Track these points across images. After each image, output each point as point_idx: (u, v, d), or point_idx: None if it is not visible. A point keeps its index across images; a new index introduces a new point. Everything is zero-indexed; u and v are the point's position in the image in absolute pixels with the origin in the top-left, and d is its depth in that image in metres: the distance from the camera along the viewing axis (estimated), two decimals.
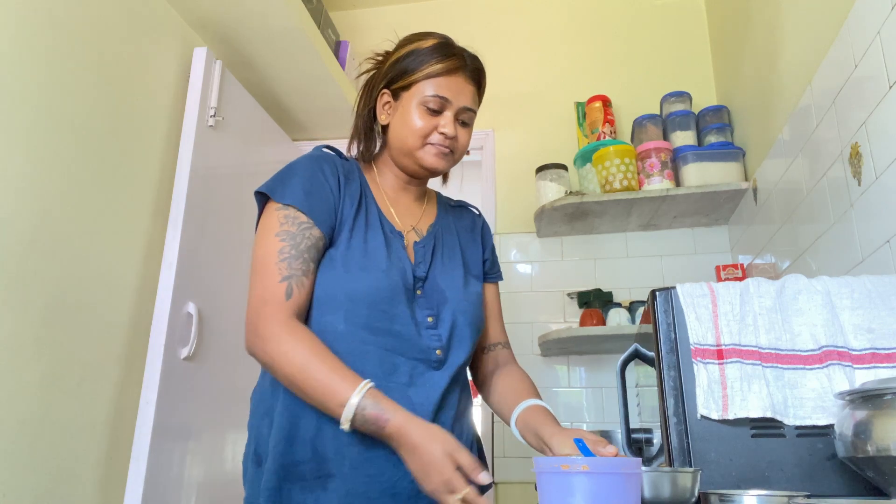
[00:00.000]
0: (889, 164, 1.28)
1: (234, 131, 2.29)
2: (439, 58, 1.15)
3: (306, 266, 1.05)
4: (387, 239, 1.12)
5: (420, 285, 1.12)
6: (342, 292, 1.06)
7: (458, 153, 1.19)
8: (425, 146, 1.15)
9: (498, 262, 1.35)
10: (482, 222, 1.35)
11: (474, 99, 1.20)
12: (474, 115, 1.21)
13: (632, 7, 2.89)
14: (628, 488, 0.63)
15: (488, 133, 2.84)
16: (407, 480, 1.00)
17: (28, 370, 1.50)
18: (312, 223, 1.07)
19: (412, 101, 1.15)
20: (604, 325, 2.28)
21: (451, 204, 1.34)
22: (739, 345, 0.99)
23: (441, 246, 1.21)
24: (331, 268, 1.08)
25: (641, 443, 1.23)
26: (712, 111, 2.45)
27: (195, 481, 1.94)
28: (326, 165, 1.14)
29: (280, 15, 2.18)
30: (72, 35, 1.69)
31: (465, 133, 1.19)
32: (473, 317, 1.16)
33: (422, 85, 1.15)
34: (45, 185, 1.58)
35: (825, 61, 1.57)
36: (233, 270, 2.23)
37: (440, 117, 1.15)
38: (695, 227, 2.56)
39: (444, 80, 1.15)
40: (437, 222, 1.25)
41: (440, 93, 1.14)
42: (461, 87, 1.16)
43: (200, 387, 1.99)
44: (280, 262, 1.04)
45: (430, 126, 1.14)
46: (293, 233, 1.06)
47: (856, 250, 1.44)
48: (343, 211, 1.11)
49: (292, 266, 1.04)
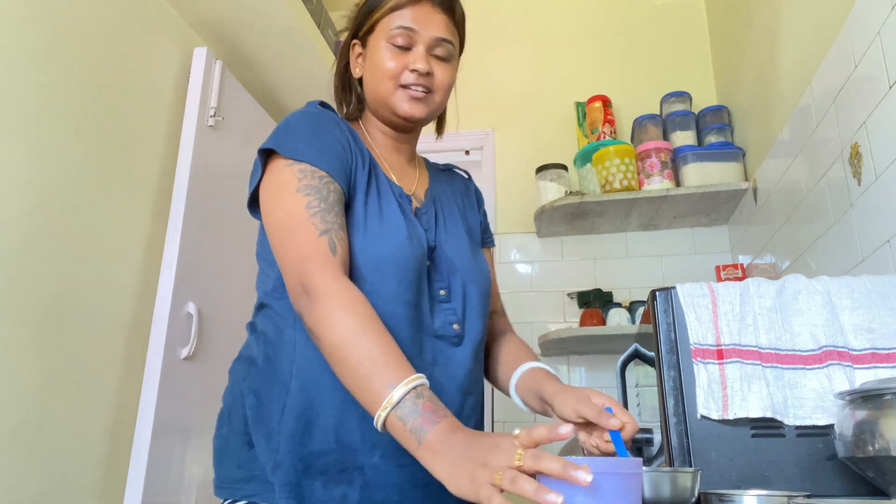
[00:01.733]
0: (889, 164, 1.28)
1: (234, 131, 2.29)
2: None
3: (340, 220, 0.91)
4: (400, 205, 1.01)
5: (429, 255, 1.01)
6: (367, 262, 0.93)
7: (438, 93, 1.05)
8: (398, 90, 1.02)
9: (489, 227, 1.24)
10: (474, 186, 1.24)
11: (448, 28, 1.05)
12: (453, 48, 1.06)
13: (632, 7, 2.90)
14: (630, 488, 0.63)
15: (488, 133, 2.84)
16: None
17: (28, 371, 1.50)
18: (332, 179, 0.93)
19: (378, 40, 1.04)
20: (604, 325, 2.28)
21: (439, 168, 1.23)
22: (739, 345, 0.99)
23: (442, 213, 1.10)
24: (351, 233, 0.94)
25: (641, 443, 1.23)
26: (712, 111, 2.46)
27: (195, 481, 1.94)
28: (330, 123, 1.02)
29: (280, 15, 2.18)
30: (72, 35, 1.69)
31: (443, 68, 1.04)
32: (484, 287, 1.06)
33: (385, 21, 1.03)
34: (45, 185, 1.58)
35: (825, 61, 1.57)
36: (233, 270, 2.23)
37: (410, 53, 1.02)
38: (695, 227, 2.56)
39: (409, 10, 1.02)
40: (432, 187, 1.13)
41: (404, 23, 1.01)
42: (429, 15, 1.03)
43: (200, 387, 1.99)
44: (313, 217, 0.89)
45: (399, 65, 1.01)
46: (317, 186, 0.92)
47: (856, 250, 1.44)
48: (356, 172, 0.99)
49: (326, 219, 0.89)
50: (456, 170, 1.26)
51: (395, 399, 0.74)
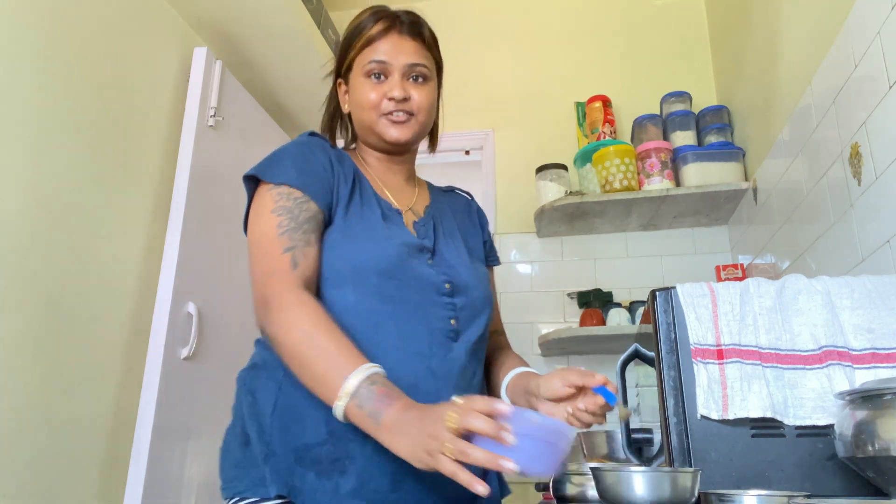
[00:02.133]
0: (889, 164, 1.28)
1: (234, 131, 2.29)
2: (370, 25, 1.11)
3: (307, 237, 0.99)
4: (384, 214, 1.07)
5: (429, 256, 1.07)
6: (347, 264, 1.00)
7: (420, 114, 1.11)
8: (381, 118, 1.10)
9: (494, 246, 1.30)
10: (476, 206, 1.30)
11: (419, 53, 1.12)
12: (428, 70, 1.13)
13: (632, 7, 2.90)
14: (547, 451, 0.71)
15: (488, 133, 2.84)
16: None
17: (28, 370, 1.50)
18: (308, 198, 1.01)
19: (358, 77, 1.12)
20: (604, 325, 2.28)
21: (442, 189, 1.29)
22: (739, 345, 0.99)
23: (441, 227, 1.15)
24: (332, 243, 1.02)
25: (641, 443, 1.23)
26: (712, 111, 2.46)
27: (195, 481, 1.94)
28: (316, 147, 1.09)
29: (280, 15, 2.18)
30: (72, 35, 1.69)
31: (421, 90, 1.11)
32: (485, 293, 1.10)
33: (360, 57, 1.11)
34: (45, 185, 1.58)
35: (825, 61, 1.57)
36: (233, 270, 2.23)
37: (386, 83, 1.10)
38: (695, 227, 2.56)
39: (379, 43, 1.10)
40: (433, 205, 1.20)
41: (377, 57, 1.09)
42: (398, 44, 1.10)
43: (200, 387, 1.99)
44: (280, 236, 0.98)
45: (378, 95, 1.09)
46: (289, 207, 1.00)
47: (856, 250, 1.44)
48: (338, 190, 1.06)
49: (293, 237, 0.98)
50: (458, 191, 1.31)
51: (351, 388, 0.81)
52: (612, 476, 0.80)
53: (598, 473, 0.82)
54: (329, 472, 0.91)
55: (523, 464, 0.69)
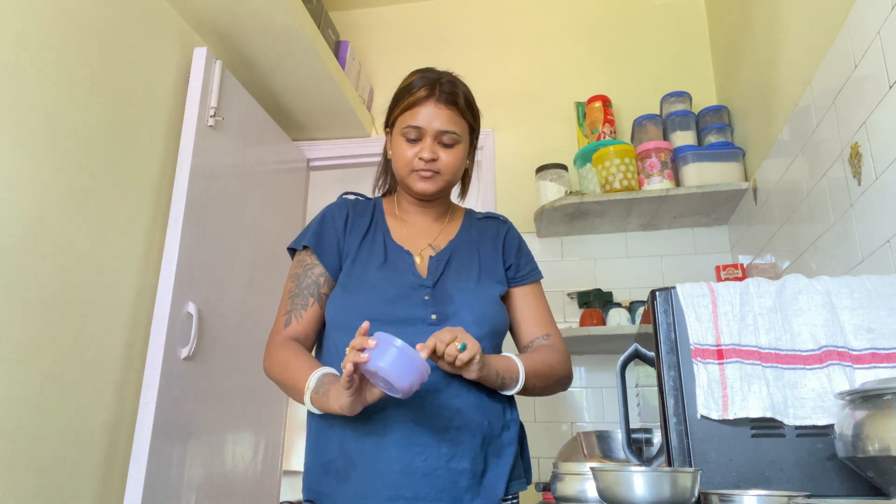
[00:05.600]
0: (889, 164, 1.28)
1: (234, 131, 2.29)
2: (415, 90, 1.28)
3: (305, 301, 1.27)
4: (387, 260, 1.28)
5: (428, 291, 1.24)
6: (343, 313, 1.23)
7: (445, 173, 1.29)
8: (412, 173, 1.29)
9: (532, 263, 1.42)
10: (506, 229, 1.43)
11: (451, 120, 1.28)
12: (458, 136, 1.28)
13: (632, 7, 2.89)
14: (404, 361, 0.97)
15: (488, 133, 2.84)
16: (420, 460, 1.13)
17: (28, 370, 1.50)
18: (317, 261, 1.29)
19: (397, 134, 1.30)
20: (604, 325, 2.28)
21: (477, 217, 1.44)
22: (739, 345, 0.99)
23: (457, 258, 1.32)
24: (335, 294, 1.26)
25: (641, 443, 1.23)
26: (712, 111, 2.46)
27: (195, 481, 1.94)
28: (337, 210, 1.34)
29: (280, 15, 2.18)
30: (72, 35, 1.69)
31: (449, 153, 1.28)
32: (480, 314, 1.24)
33: (401, 119, 1.29)
34: (45, 185, 1.58)
35: (825, 61, 1.57)
36: (233, 271, 2.23)
37: (420, 144, 1.27)
38: (695, 227, 2.56)
39: (417, 110, 1.27)
40: (458, 237, 1.37)
41: (413, 123, 1.26)
42: (433, 113, 1.26)
43: (200, 387, 1.99)
44: (287, 300, 1.28)
45: (411, 155, 1.28)
46: (299, 274, 1.29)
47: (856, 250, 1.44)
48: (347, 245, 1.30)
49: (294, 302, 1.27)
50: (493, 218, 1.46)
51: (311, 384, 1.12)
52: (611, 476, 0.80)
53: (598, 473, 0.82)
54: (342, 477, 1.17)
55: (383, 365, 0.95)
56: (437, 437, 1.15)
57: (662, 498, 0.76)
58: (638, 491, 0.77)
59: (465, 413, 1.17)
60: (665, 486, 0.77)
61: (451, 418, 1.16)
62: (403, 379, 0.97)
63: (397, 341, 0.97)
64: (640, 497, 0.77)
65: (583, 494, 1.01)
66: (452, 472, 1.14)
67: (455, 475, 1.14)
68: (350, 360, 0.97)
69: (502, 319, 1.29)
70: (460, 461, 1.15)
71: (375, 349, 0.96)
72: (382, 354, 0.96)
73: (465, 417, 1.17)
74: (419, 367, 0.98)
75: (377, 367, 0.96)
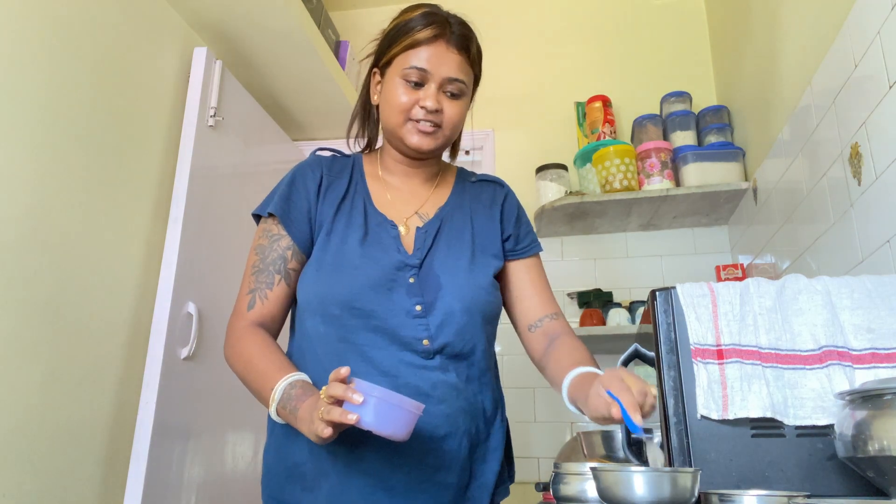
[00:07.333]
0: (889, 164, 1.28)
1: (234, 131, 2.29)
2: (420, 27, 1.09)
3: (271, 278, 1.10)
4: (368, 234, 1.11)
5: (414, 273, 1.08)
6: (315, 296, 1.07)
7: (447, 128, 1.12)
8: (407, 123, 1.10)
9: (532, 234, 1.25)
10: (504, 194, 1.26)
11: (461, 68, 1.11)
12: (465, 86, 1.12)
13: (632, 7, 2.89)
14: (394, 415, 0.85)
15: (488, 133, 2.84)
16: (401, 474, 1.01)
17: (28, 370, 1.50)
18: (284, 232, 1.11)
19: (394, 75, 1.11)
20: (604, 325, 2.28)
21: (471, 180, 1.26)
22: (739, 345, 0.99)
23: (447, 230, 1.15)
24: (307, 272, 1.10)
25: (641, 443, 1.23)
26: (712, 111, 2.46)
27: (195, 481, 1.94)
28: (309, 171, 1.16)
29: (280, 15, 2.18)
30: (72, 35, 1.69)
31: (454, 106, 1.11)
32: (473, 302, 1.09)
33: (402, 57, 1.10)
34: (45, 185, 1.58)
35: (825, 61, 1.57)
36: (233, 270, 2.23)
37: (421, 90, 1.09)
38: (695, 227, 2.56)
39: (424, 49, 1.08)
40: (449, 203, 1.19)
41: (418, 64, 1.08)
42: (443, 56, 1.08)
43: (200, 387, 1.99)
44: (251, 276, 1.11)
45: (410, 101, 1.09)
46: (264, 246, 1.12)
47: (856, 250, 1.44)
48: (320, 214, 1.13)
49: (259, 279, 1.10)
50: (489, 181, 1.28)
51: (277, 397, 0.97)
52: (611, 476, 0.80)
53: (598, 473, 0.82)
54: (311, 485, 1.03)
55: (370, 421, 0.84)
56: (421, 448, 1.02)
57: (662, 498, 0.76)
58: (638, 491, 0.77)
59: (453, 418, 1.05)
60: (665, 486, 0.77)
61: (437, 426, 1.03)
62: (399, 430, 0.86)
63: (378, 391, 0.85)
64: (640, 497, 0.77)
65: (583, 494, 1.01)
66: (439, 486, 1.03)
67: (441, 489, 1.03)
68: (334, 418, 0.83)
69: (496, 305, 1.14)
70: (448, 474, 1.04)
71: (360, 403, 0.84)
72: (368, 408, 0.84)
73: (453, 423, 1.05)
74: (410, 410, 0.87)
75: (367, 425, 0.84)
